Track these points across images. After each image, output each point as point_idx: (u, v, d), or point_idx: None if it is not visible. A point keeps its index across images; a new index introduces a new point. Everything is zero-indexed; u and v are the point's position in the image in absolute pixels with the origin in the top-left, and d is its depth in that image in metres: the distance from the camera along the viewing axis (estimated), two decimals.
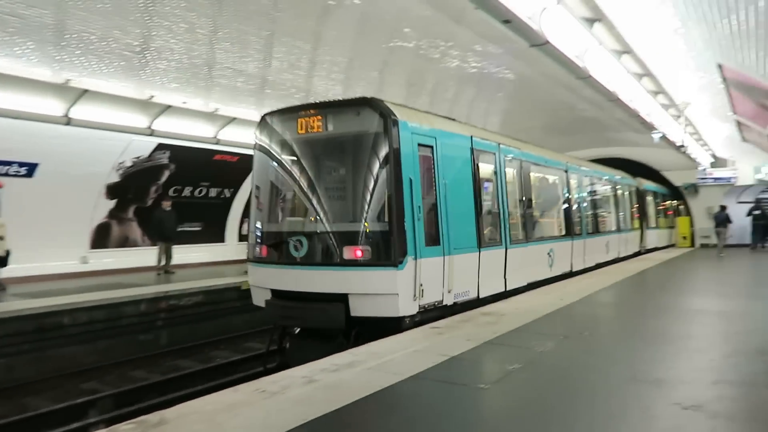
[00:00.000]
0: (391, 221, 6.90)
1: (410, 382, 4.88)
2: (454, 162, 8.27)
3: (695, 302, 10.09)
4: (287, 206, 8.11)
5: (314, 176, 7.67)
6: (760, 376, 5.05)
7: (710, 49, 7.88)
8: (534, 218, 11.30)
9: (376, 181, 7.12)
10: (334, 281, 7.04)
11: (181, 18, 10.37)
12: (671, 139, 16.86)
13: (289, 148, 7.86)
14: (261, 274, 7.94)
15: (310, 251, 7.26)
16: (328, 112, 7.61)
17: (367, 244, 7.07)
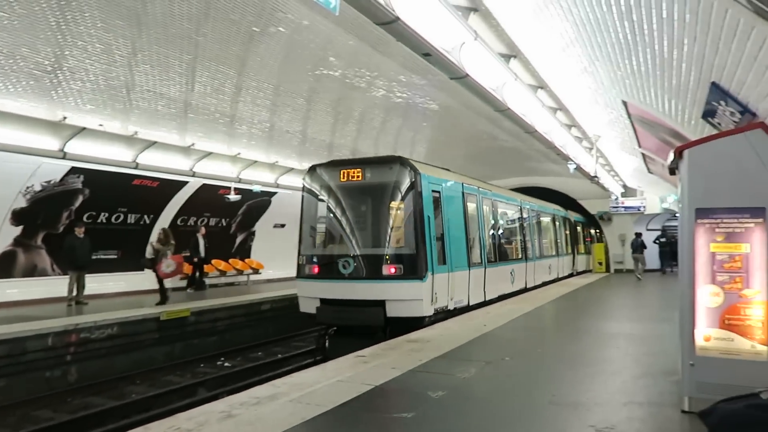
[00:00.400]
0: (417, 246, 9.60)
1: (333, 414, 4.79)
2: (452, 202, 11.13)
3: (610, 326, 10.56)
4: (336, 235, 10.49)
5: (357, 213, 10.37)
6: (666, 396, 5.30)
7: (615, 87, 8.45)
8: (502, 244, 14.46)
9: (405, 217, 9.90)
10: (375, 291, 9.58)
11: (96, 38, 9.98)
12: (585, 170, 17.81)
13: (335, 192, 10.42)
14: (311, 287, 10.30)
15: (355, 269, 9.79)
16: (367, 166, 10.32)
17: (399, 263, 9.65)
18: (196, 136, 14.56)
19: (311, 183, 10.73)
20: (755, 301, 4.53)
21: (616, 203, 27.21)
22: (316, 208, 10.72)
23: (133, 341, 11.13)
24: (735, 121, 5.20)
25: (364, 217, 10.45)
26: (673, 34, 4.77)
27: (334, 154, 18.68)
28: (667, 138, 9.53)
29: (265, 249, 21.11)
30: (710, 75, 4.89)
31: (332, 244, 10.53)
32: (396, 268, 9.70)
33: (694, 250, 4.70)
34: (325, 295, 10.03)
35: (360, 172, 10.25)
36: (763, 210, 4.50)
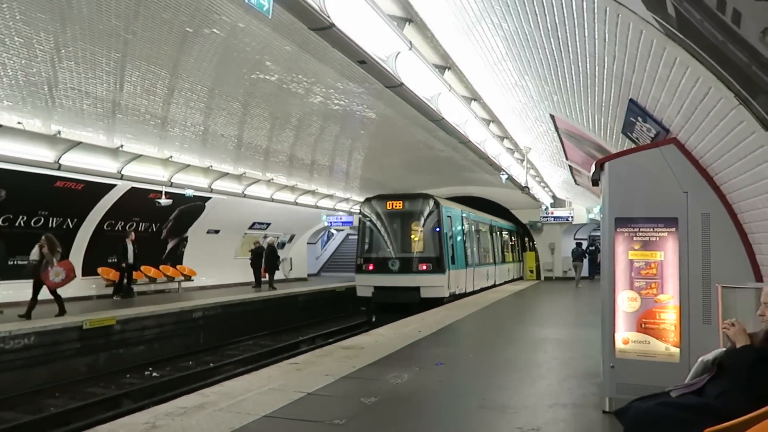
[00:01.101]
0: (440, 252, 15.56)
1: (263, 422, 4.72)
2: (457, 223, 17.28)
3: (539, 331, 10.92)
4: (386, 244, 16.18)
5: (400, 230, 16.22)
6: (589, 398, 5.55)
7: (544, 102, 8.78)
8: (481, 252, 20.97)
9: (432, 233, 15.82)
10: (413, 280, 15.23)
11: (15, 31, 9.42)
12: (517, 181, 18.36)
13: (384, 216, 16.28)
14: (368, 279, 15.82)
15: (400, 266, 15.54)
16: (406, 199, 16.39)
17: (429, 263, 15.40)
18: (125, 138, 14.00)
19: (366, 209, 16.66)
20: (669, 305, 4.82)
21: (546, 213, 28.20)
22: (370, 227, 16.49)
23: (53, 351, 10.53)
24: (651, 137, 5.52)
25: (405, 233, 16.30)
26: (594, 52, 5.01)
27: (271, 160, 18.45)
28: (592, 151, 9.98)
29: (198, 255, 20.53)
30: (629, 92, 5.17)
31: (384, 250, 16.16)
32: (427, 265, 15.52)
33: (614, 257, 4.95)
34: (377, 284, 15.62)
35: (401, 203, 16.28)
36: (676, 220, 4.79)
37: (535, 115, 10.48)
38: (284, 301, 18.36)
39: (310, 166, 20.36)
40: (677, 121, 4.61)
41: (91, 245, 16.14)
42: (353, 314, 21.28)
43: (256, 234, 23.29)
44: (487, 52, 7.74)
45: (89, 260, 16.26)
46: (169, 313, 13.34)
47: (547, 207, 28.02)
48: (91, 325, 11.11)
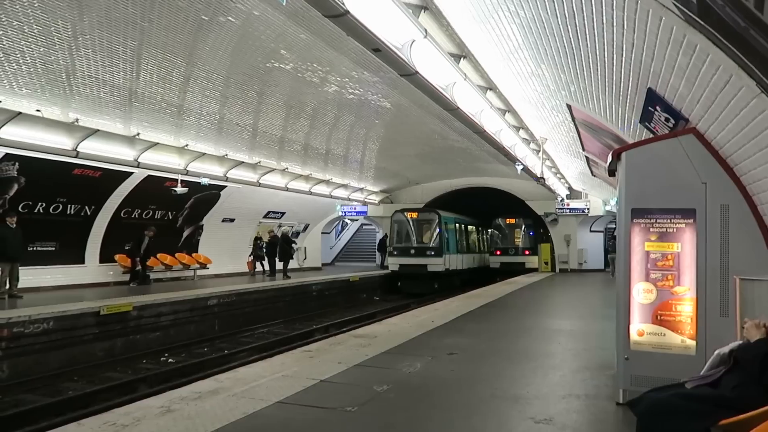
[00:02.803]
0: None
1: (276, 408, 4.76)
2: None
3: (553, 323, 10.88)
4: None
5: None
6: (603, 389, 5.52)
7: (561, 91, 8.67)
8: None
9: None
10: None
11: (34, 19, 9.50)
12: (532, 172, 18.20)
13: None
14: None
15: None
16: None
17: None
18: (142, 126, 14.12)
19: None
20: (685, 298, 4.76)
21: (562, 205, 27.98)
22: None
23: (70, 336, 10.71)
24: (669, 127, 5.43)
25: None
26: (612, 39, 4.93)
27: (286, 149, 18.50)
28: (609, 142, 9.86)
29: (213, 244, 20.72)
30: (647, 81, 5.08)
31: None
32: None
33: (629, 248, 4.90)
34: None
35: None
36: (693, 211, 4.72)
37: (552, 104, 10.37)
38: (298, 290, 18.48)
39: (324, 155, 20.39)
40: (696, 111, 4.53)
41: (108, 232, 16.36)
42: (367, 304, 21.38)
43: (270, 223, 23.42)
44: (504, 41, 7.66)
45: (106, 247, 16.49)
46: (185, 300, 13.49)
47: (562, 198, 27.78)
48: (108, 310, 11.27)
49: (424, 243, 24.63)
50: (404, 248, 24.56)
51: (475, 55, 9.49)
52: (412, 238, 24.87)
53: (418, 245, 24.55)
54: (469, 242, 29.27)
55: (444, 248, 24.23)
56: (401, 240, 24.98)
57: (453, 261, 25.30)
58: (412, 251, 24.27)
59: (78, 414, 7.30)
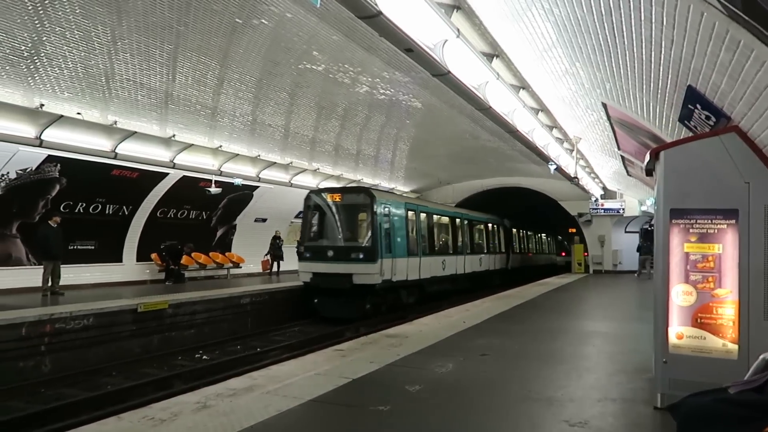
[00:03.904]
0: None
1: (309, 406, 4.80)
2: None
3: (587, 325, 10.70)
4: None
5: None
6: (639, 393, 5.40)
7: (596, 90, 8.53)
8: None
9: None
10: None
11: (75, 25, 9.80)
12: (566, 171, 17.97)
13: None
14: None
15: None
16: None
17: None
18: (177, 128, 14.41)
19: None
20: (727, 300, 4.62)
21: (596, 205, 27.53)
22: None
23: (108, 333, 10.99)
24: (710, 125, 5.29)
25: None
26: (651, 36, 4.83)
27: (317, 150, 18.64)
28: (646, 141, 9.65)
29: (246, 243, 21.00)
30: (687, 78, 4.96)
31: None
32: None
33: (668, 249, 4.78)
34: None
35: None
36: (736, 212, 4.59)
37: (586, 103, 10.21)
38: None
39: (355, 155, 20.47)
40: (739, 109, 4.40)
41: (144, 232, 16.74)
42: None
43: None
44: (537, 39, 7.57)
45: (143, 246, 16.88)
46: (219, 299, 13.70)
47: (597, 199, 27.33)
48: (145, 308, 11.53)
49: (348, 241, 15.84)
50: (319, 248, 15.80)
51: (507, 54, 9.43)
52: (333, 234, 16.03)
53: (338, 244, 15.73)
54: (440, 240, 20.78)
55: (381, 249, 15.13)
56: (316, 236, 16.27)
57: (401, 268, 16.12)
58: (330, 253, 15.48)
59: (117, 408, 7.49)
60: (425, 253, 17.99)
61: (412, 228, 17.52)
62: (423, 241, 18.08)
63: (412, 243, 17.24)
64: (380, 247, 15.07)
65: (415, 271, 17.00)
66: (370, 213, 15.32)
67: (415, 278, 17.02)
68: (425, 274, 17.72)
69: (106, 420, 4.39)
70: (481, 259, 23.55)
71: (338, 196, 15.96)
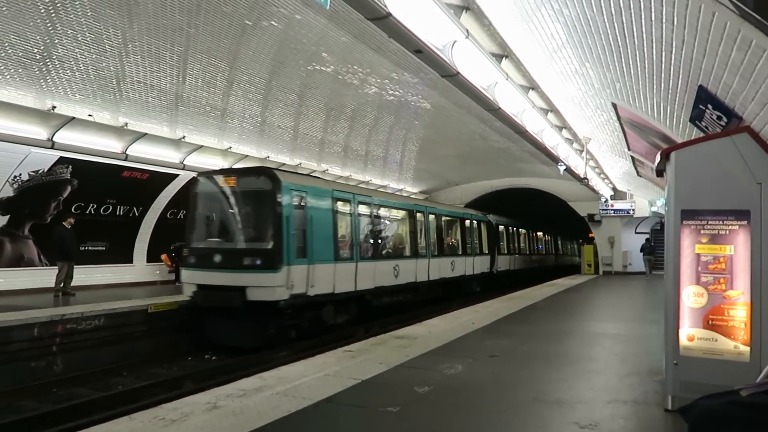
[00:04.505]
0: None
1: (320, 407, 4.81)
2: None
3: (596, 326, 10.65)
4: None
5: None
6: (651, 395, 5.37)
7: (606, 90, 8.50)
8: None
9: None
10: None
11: (87, 27, 9.89)
12: (575, 172, 17.90)
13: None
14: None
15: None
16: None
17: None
18: (187, 129, 14.49)
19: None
20: (739, 302, 4.59)
21: (606, 206, 27.40)
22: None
23: (119, 333, 11.06)
24: (721, 125, 5.25)
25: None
26: (661, 36, 4.81)
27: (326, 151, 18.67)
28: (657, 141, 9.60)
29: None
30: (698, 79, 4.93)
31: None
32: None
33: (679, 251, 4.75)
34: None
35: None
36: (748, 213, 4.55)
37: (596, 103, 10.17)
38: None
39: (364, 157, 20.50)
40: (751, 109, 4.37)
41: (154, 233, 16.83)
42: None
43: None
44: (547, 40, 7.55)
45: (153, 247, 16.97)
46: None
47: (606, 199, 27.20)
48: (155, 308, 11.59)
49: (242, 242, 11.60)
50: (204, 252, 11.56)
51: (517, 55, 9.42)
52: (223, 231, 11.94)
53: (228, 246, 11.52)
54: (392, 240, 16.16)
55: (287, 252, 10.84)
56: (201, 234, 12.01)
57: (324, 277, 11.81)
58: (217, 258, 11.18)
59: (129, 408, 7.54)
60: (367, 256, 13.71)
61: (346, 224, 13.19)
62: (365, 241, 13.94)
63: (344, 244, 12.93)
64: (287, 250, 10.63)
65: (348, 280, 12.53)
66: (272, 203, 10.78)
67: (348, 290, 12.57)
68: (366, 284, 13.23)
69: (117, 420, 4.43)
70: (453, 262, 18.73)
71: (232, 180, 11.54)
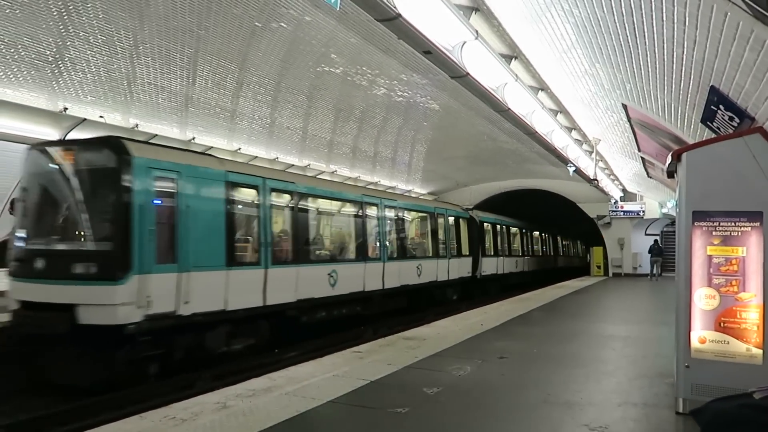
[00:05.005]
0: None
1: (328, 407, 4.82)
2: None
3: (606, 328, 10.59)
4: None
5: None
6: (662, 398, 5.33)
7: (616, 91, 8.46)
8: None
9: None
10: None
11: (98, 29, 9.97)
12: (585, 173, 17.83)
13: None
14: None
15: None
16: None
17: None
18: (197, 131, 14.54)
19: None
20: (751, 304, 4.55)
21: (616, 207, 27.26)
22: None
23: None
24: (733, 126, 5.22)
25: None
26: (673, 36, 4.78)
27: (334, 152, 18.70)
28: (667, 142, 9.55)
29: None
30: (709, 79, 4.91)
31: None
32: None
33: (690, 252, 4.72)
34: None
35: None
36: (761, 214, 4.51)
37: (606, 104, 10.13)
38: None
39: (372, 158, 20.50)
40: (764, 109, 4.34)
41: None
42: None
43: None
44: (556, 40, 7.53)
45: None
46: None
47: (616, 201, 27.07)
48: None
49: (69, 241, 8.38)
50: (25, 254, 8.33)
51: (526, 56, 9.39)
52: (49, 226, 8.63)
53: (52, 247, 8.31)
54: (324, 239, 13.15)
55: (138, 254, 7.73)
56: (29, 228, 8.61)
57: (207, 289, 8.72)
58: (40, 264, 8.02)
59: (139, 407, 7.57)
60: (284, 260, 10.53)
61: (249, 218, 10.17)
62: (282, 241, 10.76)
63: (247, 244, 9.88)
64: (138, 252, 7.72)
65: (251, 292, 9.47)
66: (115, 186, 7.86)
67: (252, 305, 9.42)
68: (283, 297, 10.15)
69: (128, 419, 4.46)
70: (420, 266, 15.50)
71: (69, 155, 8.32)
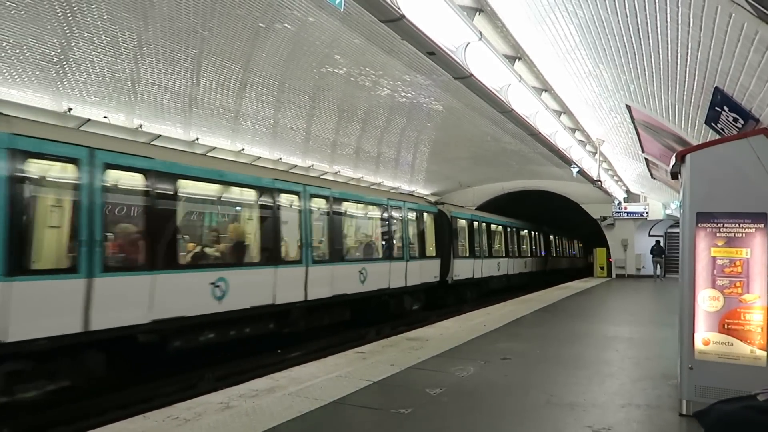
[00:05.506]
0: None
1: (331, 408, 4.82)
2: None
3: (609, 329, 10.57)
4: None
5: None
6: (665, 400, 5.32)
7: (620, 92, 8.45)
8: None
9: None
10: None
11: (103, 30, 10.00)
12: (588, 174, 17.80)
13: None
14: None
15: None
16: None
17: None
18: (201, 131, 14.58)
19: None
20: (755, 306, 4.54)
21: (619, 208, 27.22)
22: None
23: None
24: (738, 127, 5.21)
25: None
26: (677, 37, 4.77)
27: (338, 153, 18.71)
28: (671, 144, 9.53)
29: None
30: (714, 80, 4.90)
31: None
32: None
33: (694, 254, 4.71)
34: None
35: None
36: (765, 215, 4.51)
37: (610, 105, 10.11)
38: None
39: (376, 158, 20.51)
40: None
41: None
42: None
43: None
44: (560, 41, 7.53)
45: None
46: None
47: (620, 202, 27.02)
48: None
49: None
50: None
51: (530, 57, 9.38)
52: None
53: None
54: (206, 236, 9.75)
55: None
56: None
57: None
58: None
59: (143, 407, 7.59)
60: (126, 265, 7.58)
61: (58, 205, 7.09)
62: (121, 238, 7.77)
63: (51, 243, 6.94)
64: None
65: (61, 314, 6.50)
66: None
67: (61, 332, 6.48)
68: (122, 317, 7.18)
69: (132, 419, 4.47)
70: (364, 270, 12.79)
71: None
